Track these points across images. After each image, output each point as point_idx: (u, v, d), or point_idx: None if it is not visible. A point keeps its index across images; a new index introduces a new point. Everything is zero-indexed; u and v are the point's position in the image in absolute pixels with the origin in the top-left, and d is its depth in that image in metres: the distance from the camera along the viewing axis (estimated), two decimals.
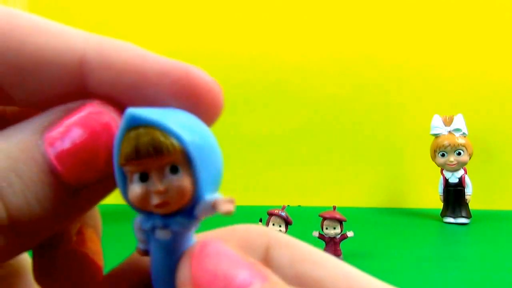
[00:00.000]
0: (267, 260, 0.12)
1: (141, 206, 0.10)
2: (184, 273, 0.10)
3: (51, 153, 0.10)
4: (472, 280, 0.38)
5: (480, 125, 0.74)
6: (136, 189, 0.10)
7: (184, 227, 0.11)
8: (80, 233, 0.13)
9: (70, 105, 0.11)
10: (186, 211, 0.11)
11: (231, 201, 0.10)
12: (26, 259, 0.14)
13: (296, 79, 0.80)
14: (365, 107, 0.80)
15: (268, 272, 0.10)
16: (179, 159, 0.10)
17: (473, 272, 0.40)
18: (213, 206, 0.10)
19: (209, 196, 0.11)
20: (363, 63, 0.80)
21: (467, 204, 0.63)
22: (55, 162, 0.10)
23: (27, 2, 0.67)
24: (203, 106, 0.11)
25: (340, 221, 0.43)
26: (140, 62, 0.11)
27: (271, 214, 0.44)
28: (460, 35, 0.78)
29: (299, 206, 0.73)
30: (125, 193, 0.10)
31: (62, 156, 0.10)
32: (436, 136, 0.64)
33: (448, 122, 0.64)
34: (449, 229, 0.60)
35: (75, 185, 0.11)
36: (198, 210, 0.11)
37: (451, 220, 0.62)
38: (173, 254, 0.11)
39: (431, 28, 0.79)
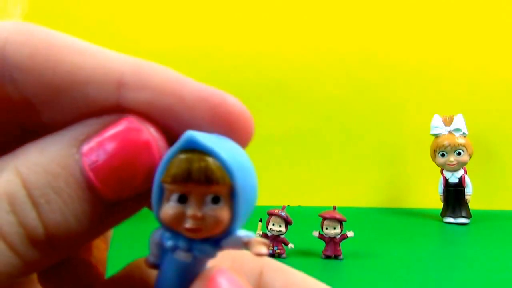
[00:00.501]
0: (260, 285, 0.13)
1: (171, 225, 0.10)
2: None
3: (89, 167, 0.10)
4: (472, 280, 0.38)
5: (480, 125, 0.74)
6: (171, 209, 0.10)
7: (207, 255, 0.11)
8: None
9: (106, 118, 0.11)
10: (213, 240, 0.11)
11: (265, 244, 0.10)
12: None
13: (296, 79, 0.80)
14: (365, 107, 0.80)
15: None
16: (223, 192, 0.10)
17: (473, 272, 0.40)
18: (246, 244, 0.10)
19: (242, 233, 0.11)
20: (363, 63, 0.80)
21: (467, 204, 0.63)
22: (92, 177, 0.10)
23: (27, 3, 0.67)
24: (236, 133, 0.11)
25: (340, 221, 0.43)
26: (179, 86, 0.11)
27: (271, 214, 0.44)
28: (460, 35, 0.78)
29: (299, 206, 0.73)
30: (158, 209, 0.10)
31: (99, 171, 0.10)
32: (436, 136, 0.64)
33: (448, 122, 0.64)
34: (449, 229, 0.60)
35: (111, 200, 0.11)
36: (226, 242, 0.11)
37: (451, 220, 0.62)
38: (187, 275, 0.11)
39: (431, 28, 0.79)
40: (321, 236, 0.44)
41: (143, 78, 0.11)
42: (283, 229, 0.43)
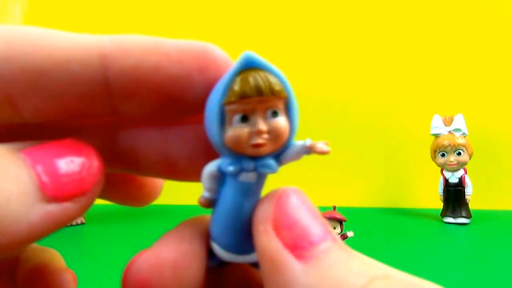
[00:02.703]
0: None
1: (236, 147, 0.11)
2: (267, 211, 0.11)
3: (37, 169, 0.10)
4: (472, 280, 0.38)
5: (480, 125, 0.74)
6: (236, 129, 0.11)
7: (272, 170, 0.11)
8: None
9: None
10: (273, 155, 0.11)
11: (326, 143, 0.12)
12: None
13: (296, 79, 0.80)
14: (365, 107, 0.80)
15: (335, 234, 0.11)
16: (281, 105, 0.11)
17: (473, 272, 0.40)
18: (309, 147, 0.11)
19: (298, 142, 0.12)
20: (363, 63, 0.80)
21: (467, 204, 0.63)
22: (40, 176, 0.10)
23: (27, 3, 0.67)
24: (221, 74, 0.12)
25: (340, 221, 0.43)
26: (161, 45, 0.11)
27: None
28: (460, 35, 0.78)
29: None
30: (219, 135, 0.11)
31: (46, 171, 0.10)
32: (436, 136, 0.64)
33: (448, 122, 0.64)
34: (449, 229, 0.60)
35: (54, 198, 0.11)
36: (285, 155, 0.12)
37: (451, 220, 0.62)
38: (252, 197, 0.11)
39: (431, 28, 0.79)
40: None
41: (125, 45, 0.11)
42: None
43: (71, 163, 0.11)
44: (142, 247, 0.12)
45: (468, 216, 0.62)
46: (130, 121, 0.13)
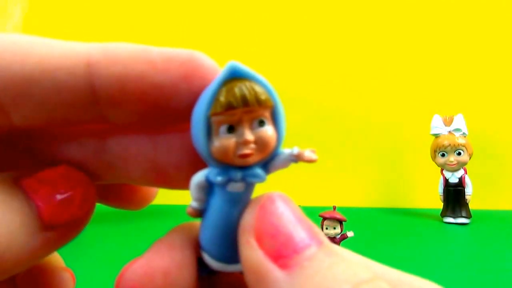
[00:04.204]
0: None
1: (223, 158, 0.11)
2: (248, 221, 0.11)
3: (36, 200, 0.11)
4: (472, 280, 0.38)
5: (480, 125, 0.74)
6: (223, 140, 0.11)
7: (260, 179, 0.11)
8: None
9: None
10: (261, 164, 0.11)
11: (313, 151, 0.11)
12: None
13: (296, 79, 0.80)
14: (365, 107, 0.80)
15: (322, 236, 0.11)
16: (267, 114, 0.11)
17: (473, 272, 0.40)
18: (297, 156, 0.11)
19: (286, 150, 0.12)
20: (363, 63, 0.80)
21: (467, 204, 0.63)
22: (39, 206, 0.11)
23: (27, 3, 0.67)
24: (208, 83, 0.12)
25: (340, 221, 0.43)
26: (147, 53, 0.11)
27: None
28: (461, 35, 0.78)
29: (299, 206, 0.73)
30: (206, 146, 0.11)
31: (42, 197, 0.11)
32: (436, 136, 0.64)
33: (448, 122, 0.64)
34: (449, 229, 0.60)
35: (51, 225, 0.11)
36: (273, 164, 0.12)
37: (451, 220, 0.62)
38: (241, 206, 0.11)
39: (431, 28, 0.79)
40: None
41: (111, 54, 0.11)
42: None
43: (66, 192, 0.12)
44: (142, 247, 0.12)
45: (468, 216, 0.62)
46: (119, 129, 0.13)
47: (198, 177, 0.11)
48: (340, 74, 0.80)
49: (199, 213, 0.12)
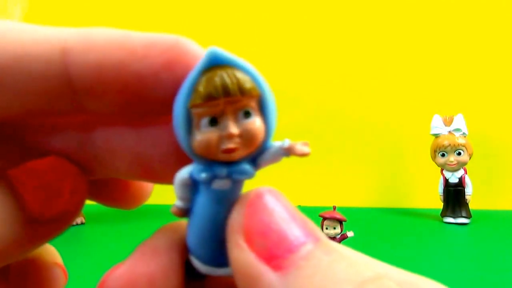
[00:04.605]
0: None
1: (205, 153, 0.10)
2: (236, 220, 0.10)
3: (22, 192, 0.11)
4: (472, 280, 0.38)
5: (480, 125, 0.74)
6: (205, 134, 0.10)
7: (247, 175, 0.10)
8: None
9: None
10: (249, 159, 0.10)
11: (306, 144, 0.10)
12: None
13: (296, 79, 0.80)
14: (365, 107, 0.80)
15: (319, 232, 0.10)
16: (253, 104, 0.10)
17: (473, 272, 0.40)
18: (288, 149, 0.10)
19: (276, 143, 0.11)
20: (363, 63, 0.80)
21: (467, 204, 0.63)
22: (25, 198, 0.11)
23: (27, 3, 0.67)
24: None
25: (340, 221, 0.43)
26: (127, 39, 0.10)
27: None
28: (461, 35, 0.78)
29: (299, 206, 0.73)
30: (187, 142, 0.10)
31: (29, 189, 0.11)
32: (436, 136, 0.64)
33: (448, 122, 0.64)
34: (449, 229, 0.60)
35: (39, 217, 0.11)
36: (263, 158, 0.11)
37: (451, 220, 0.62)
38: (227, 205, 0.11)
39: (431, 28, 0.79)
40: None
41: (88, 40, 0.10)
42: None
43: (54, 184, 0.11)
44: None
45: (468, 216, 0.62)
46: (103, 120, 0.12)
47: (182, 174, 0.11)
48: (340, 74, 0.80)
49: (185, 212, 0.11)
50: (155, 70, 0.10)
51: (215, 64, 0.10)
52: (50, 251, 0.15)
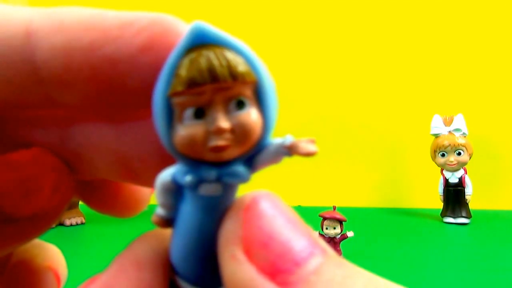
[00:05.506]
0: None
1: (189, 151, 0.08)
2: (231, 229, 0.08)
3: None
4: (472, 280, 0.38)
5: (480, 125, 0.74)
6: (188, 128, 0.08)
7: (241, 179, 0.09)
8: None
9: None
10: (244, 159, 0.09)
11: (312, 141, 0.09)
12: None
13: (296, 79, 0.80)
14: (365, 107, 0.80)
15: (323, 242, 0.08)
16: (248, 92, 0.08)
17: (473, 272, 0.40)
18: (290, 148, 0.08)
19: (277, 140, 0.09)
20: (363, 63, 0.80)
21: (467, 204, 0.63)
22: None
23: (27, 3, 0.67)
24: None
25: (340, 221, 0.43)
26: (99, 18, 0.09)
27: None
28: (461, 36, 0.78)
29: (299, 206, 0.73)
30: (168, 137, 0.08)
31: (5, 183, 0.10)
32: (436, 136, 0.64)
33: (448, 122, 0.64)
34: (449, 229, 0.60)
35: (13, 216, 0.10)
36: (261, 158, 0.09)
37: (451, 220, 0.62)
38: (218, 214, 0.09)
39: (431, 28, 0.79)
40: (321, 236, 0.44)
41: (55, 20, 0.09)
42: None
43: (35, 178, 0.10)
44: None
45: (468, 216, 0.62)
46: (80, 114, 0.11)
47: (163, 176, 0.09)
48: (341, 74, 0.80)
49: (167, 222, 0.09)
50: (130, 53, 0.09)
51: (200, 42, 0.08)
52: (45, 254, 0.13)
